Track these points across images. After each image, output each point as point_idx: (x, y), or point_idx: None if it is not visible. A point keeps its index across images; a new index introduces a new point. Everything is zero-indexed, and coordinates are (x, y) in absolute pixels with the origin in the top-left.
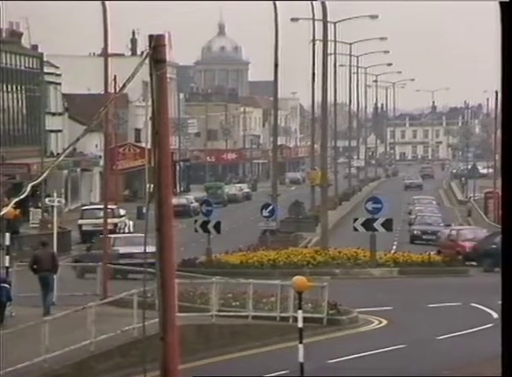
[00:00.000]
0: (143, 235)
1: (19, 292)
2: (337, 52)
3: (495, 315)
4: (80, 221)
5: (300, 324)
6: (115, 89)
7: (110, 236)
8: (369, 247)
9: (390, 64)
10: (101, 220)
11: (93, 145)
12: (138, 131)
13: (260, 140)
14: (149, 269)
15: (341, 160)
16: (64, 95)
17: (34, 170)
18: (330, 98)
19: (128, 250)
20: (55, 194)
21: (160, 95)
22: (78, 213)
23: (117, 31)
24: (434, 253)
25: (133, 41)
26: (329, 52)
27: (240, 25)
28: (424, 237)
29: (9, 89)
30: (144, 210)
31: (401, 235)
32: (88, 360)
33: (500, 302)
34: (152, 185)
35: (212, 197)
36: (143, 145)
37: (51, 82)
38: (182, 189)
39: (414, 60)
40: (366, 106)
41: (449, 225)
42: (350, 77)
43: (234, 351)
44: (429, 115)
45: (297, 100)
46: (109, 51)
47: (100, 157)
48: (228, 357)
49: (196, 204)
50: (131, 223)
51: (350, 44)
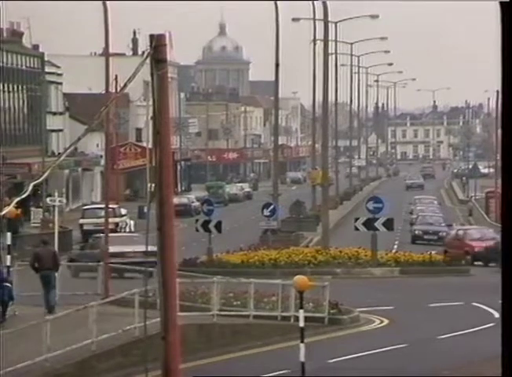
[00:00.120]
0: (135, 234)
1: (20, 291)
2: (338, 52)
3: (496, 314)
4: (81, 221)
5: (301, 324)
6: (116, 88)
7: (101, 235)
8: (370, 247)
9: (391, 64)
10: (102, 219)
11: (94, 145)
12: (139, 131)
13: (261, 139)
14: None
15: (342, 160)
16: (65, 94)
17: (35, 170)
18: (331, 98)
19: (119, 249)
20: (56, 193)
21: (161, 94)
22: (79, 212)
23: (118, 31)
24: (436, 252)
25: (134, 40)
26: (330, 51)
27: (241, 25)
28: (425, 237)
29: (10, 88)
30: (146, 210)
31: (402, 235)
32: (89, 359)
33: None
34: (153, 185)
35: (213, 196)
36: (144, 145)
37: (52, 82)
38: (183, 189)
39: (415, 60)
40: (367, 105)
41: (451, 225)
42: (351, 77)
43: (235, 350)
44: (430, 115)
45: (298, 99)
46: (110, 51)
47: (101, 157)
48: (229, 357)
49: (197, 204)
50: (132, 222)
51: (351, 44)
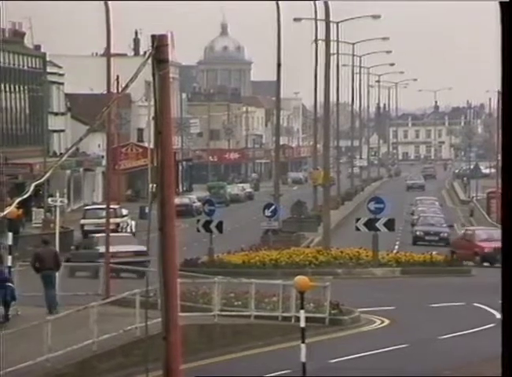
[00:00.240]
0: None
1: (21, 292)
2: (339, 52)
3: (497, 315)
4: (82, 221)
5: (302, 324)
6: (118, 89)
7: (95, 236)
8: (371, 247)
9: (393, 64)
10: (104, 220)
11: (96, 145)
12: (141, 131)
13: (262, 139)
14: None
15: (343, 160)
16: (67, 95)
17: (36, 170)
18: (332, 98)
19: (110, 249)
20: (57, 194)
21: (163, 95)
22: (80, 213)
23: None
24: (437, 253)
25: (136, 41)
26: (331, 52)
27: (243, 25)
28: (427, 238)
29: (12, 89)
30: (147, 210)
31: (403, 236)
32: (90, 359)
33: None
34: (155, 185)
35: (214, 197)
36: (145, 145)
37: (54, 82)
38: (185, 189)
39: (416, 60)
40: (368, 106)
41: (452, 226)
42: (353, 77)
43: (236, 351)
44: (431, 115)
45: (299, 100)
46: (112, 51)
47: (102, 157)
48: (230, 357)
49: (199, 204)
50: (133, 223)
51: (353, 44)
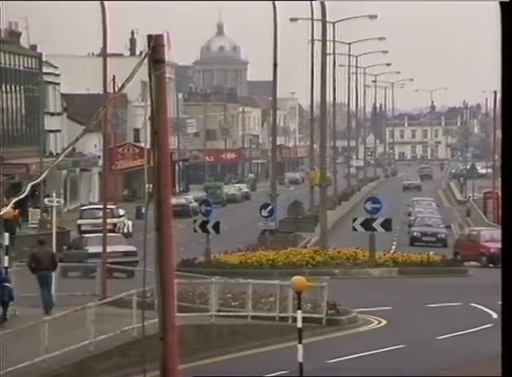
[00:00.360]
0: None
1: (18, 292)
2: (336, 52)
3: (494, 315)
4: (79, 221)
5: (299, 324)
6: (114, 89)
7: (85, 236)
8: (368, 247)
9: (389, 64)
10: (100, 220)
11: (92, 145)
12: (137, 131)
13: (259, 140)
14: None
15: (340, 160)
16: (63, 95)
17: (33, 170)
18: (329, 98)
19: (98, 249)
20: (54, 194)
21: (159, 95)
22: (77, 213)
23: (116, 31)
24: (434, 253)
25: (132, 41)
26: (328, 52)
27: (239, 25)
28: (424, 239)
29: (8, 89)
30: (144, 210)
31: (400, 236)
32: (87, 360)
33: (500, 302)
34: (151, 185)
35: (211, 197)
36: (142, 145)
37: (50, 82)
38: (181, 189)
39: (413, 60)
40: (365, 106)
41: (449, 226)
42: (349, 77)
43: (233, 351)
44: (428, 115)
45: (296, 100)
46: (108, 51)
47: (99, 157)
48: (227, 357)
49: (195, 204)
50: (130, 223)
51: (349, 44)
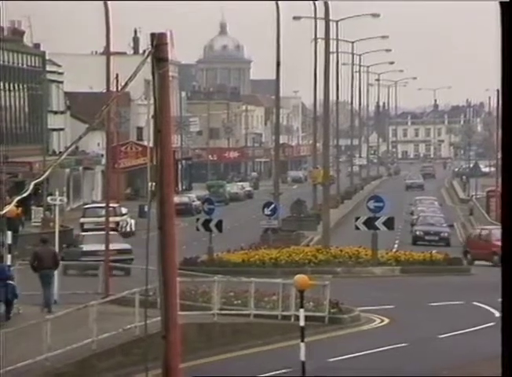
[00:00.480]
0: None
1: (21, 291)
2: (339, 50)
3: (497, 313)
4: (82, 220)
5: (302, 323)
6: (117, 87)
7: (81, 234)
8: (371, 246)
9: (392, 63)
10: (103, 218)
11: (95, 144)
12: (140, 129)
13: (262, 138)
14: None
15: (343, 159)
16: (66, 93)
17: (36, 169)
18: (332, 97)
19: (92, 247)
20: (57, 192)
21: (162, 93)
22: (80, 211)
23: (119, 30)
24: (436, 251)
25: (135, 39)
26: (331, 50)
27: (242, 24)
28: (427, 238)
29: (11, 87)
30: (146, 209)
31: (403, 236)
32: (90, 358)
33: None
34: (154, 184)
35: (214, 196)
36: (145, 144)
37: (53, 81)
38: (184, 188)
39: (416, 59)
40: (368, 104)
41: (452, 226)
42: (352, 75)
43: (236, 350)
44: (431, 114)
45: (299, 98)
46: (111, 49)
47: (102, 155)
48: (229, 356)
49: (198, 203)
50: (133, 221)
51: (352, 42)
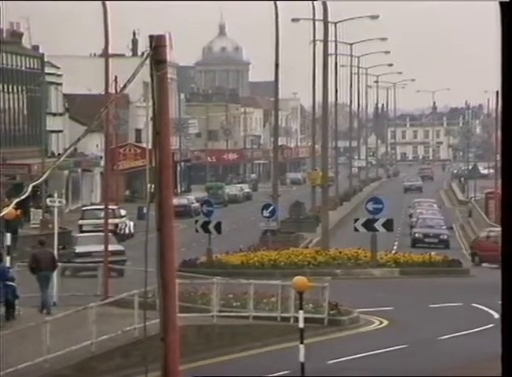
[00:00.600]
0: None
1: (20, 292)
2: (337, 52)
3: (496, 315)
4: (81, 222)
5: (301, 325)
6: (116, 89)
7: (75, 235)
8: (370, 248)
9: (391, 65)
10: (102, 220)
11: (94, 146)
12: (139, 131)
13: (261, 140)
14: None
15: (342, 160)
16: (65, 95)
17: (34, 171)
18: (330, 98)
19: (85, 249)
20: (56, 194)
21: (161, 95)
22: (78, 213)
23: (118, 32)
24: (436, 253)
25: (134, 41)
26: (330, 52)
27: (241, 26)
28: (426, 240)
29: (10, 89)
30: (145, 211)
31: (402, 238)
32: (89, 360)
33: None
34: (153, 186)
35: (213, 197)
36: (144, 146)
37: (52, 83)
38: (183, 189)
39: (414, 61)
40: (367, 106)
41: (451, 228)
42: (351, 77)
43: (235, 351)
44: (429, 116)
45: (297, 100)
46: (110, 51)
47: (100, 157)
48: (228, 358)
49: (197, 204)
50: (132, 223)
51: (351, 44)
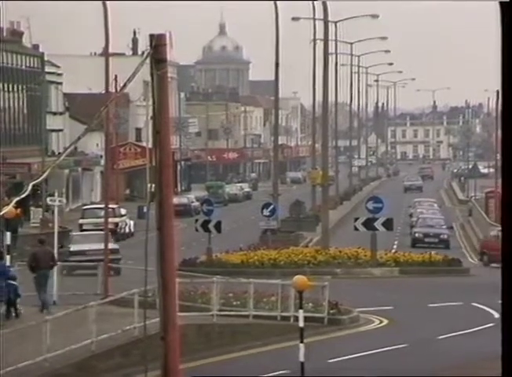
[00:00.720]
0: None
1: (20, 291)
2: (338, 51)
3: (496, 314)
4: (81, 221)
5: (301, 324)
6: (116, 88)
7: (71, 234)
8: (370, 247)
9: (391, 64)
10: (102, 219)
11: (94, 145)
12: (139, 130)
13: (261, 139)
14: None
15: (342, 160)
16: (65, 94)
17: (34, 170)
18: (331, 98)
19: (80, 247)
20: (56, 193)
21: (161, 94)
22: (79, 212)
23: (118, 31)
24: (435, 253)
25: (134, 40)
26: (330, 51)
27: (241, 25)
28: (426, 240)
29: (10, 88)
30: (145, 210)
31: (401, 238)
32: (89, 359)
33: (500, 302)
34: (153, 185)
35: (213, 196)
36: (144, 145)
37: (52, 82)
38: (183, 189)
39: (415, 60)
40: (367, 105)
41: (452, 228)
42: (351, 76)
43: (235, 350)
44: (429, 115)
45: (298, 99)
46: (110, 50)
47: (101, 156)
48: (228, 357)
49: (197, 203)
50: (132, 222)
51: (351, 43)
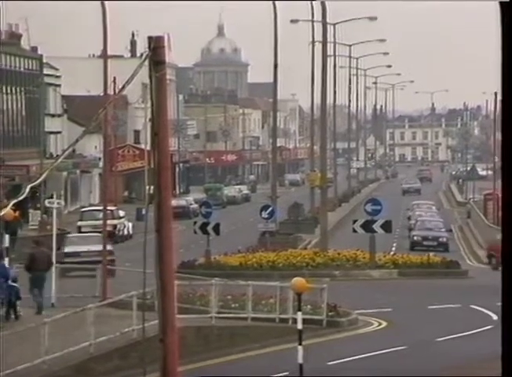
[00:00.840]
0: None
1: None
2: (336, 53)
3: (494, 317)
4: (79, 223)
5: (299, 326)
6: (115, 90)
7: (67, 236)
8: (368, 249)
9: (390, 66)
10: (100, 221)
11: (93, 147)
12: (137, 133)
13: (259, 141)
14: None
15: (340, 162)
16: (64, 97)
17: (33, 172)
18: (329, 100)
19: (74, 249)
20: (54, 195)
21: (159, 96)
22: (77, 214)
23: (116, 33)
24: (434, 255)
25: (133, 42)
26: (328, 53)
27: (240, 27)
28: (425, 243)
29: (9, 90)
30: (144, 212)
31: (400, 241)
32: (87, 361)
33: (499, 304)
34: (152, 187)
35: (211, 199)
36: (142, 147)
37: (50, 84)
38: (181, 191)
39: (413, 62)
40: (365, 108)
41: (451, 230)
42: (350, 79)
43: (233, 353)
44: (428, 117)
45: (296, 101)
46: (108, 53)
47: (99, 158)
48: (227, 359)
49: (196, 206)
50: (130, 224)
51: (350, 46)
